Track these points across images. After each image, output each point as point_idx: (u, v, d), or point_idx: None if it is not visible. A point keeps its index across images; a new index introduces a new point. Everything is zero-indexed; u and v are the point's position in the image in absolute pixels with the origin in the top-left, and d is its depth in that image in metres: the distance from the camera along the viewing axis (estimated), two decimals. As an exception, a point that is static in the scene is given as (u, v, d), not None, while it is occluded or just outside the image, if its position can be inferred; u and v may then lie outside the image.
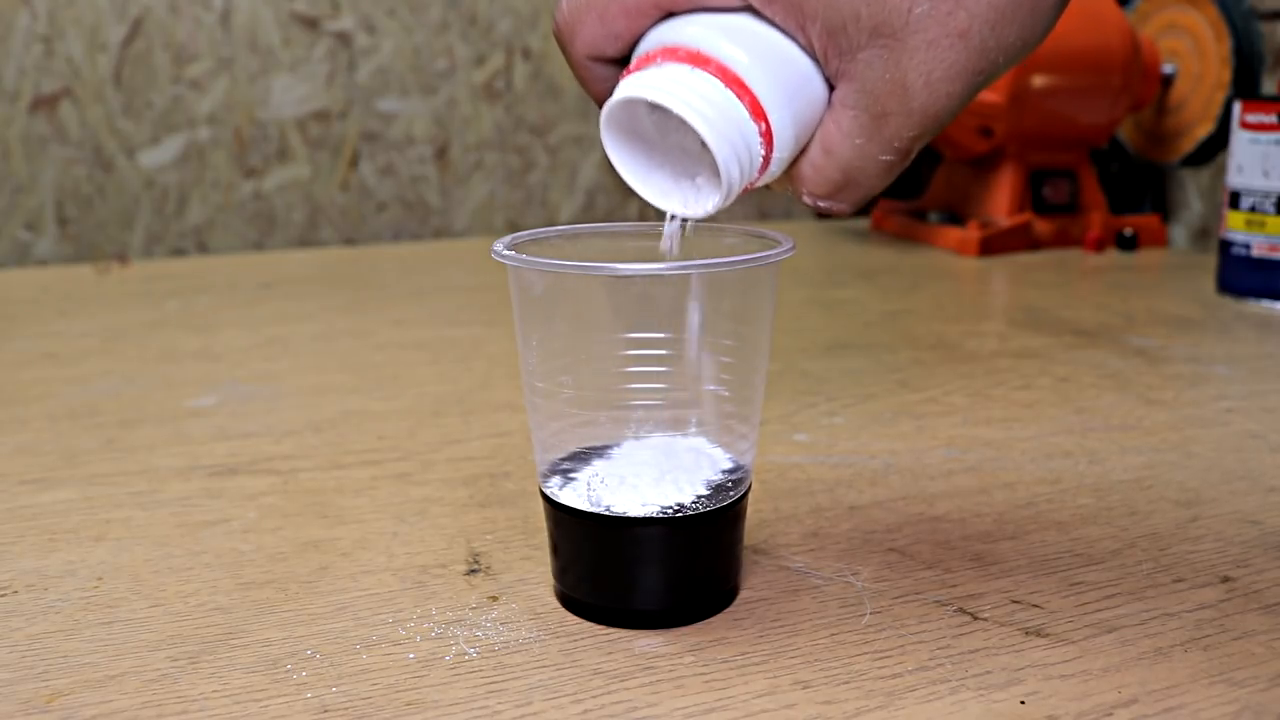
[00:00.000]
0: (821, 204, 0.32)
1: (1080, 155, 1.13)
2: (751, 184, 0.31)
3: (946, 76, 0.28)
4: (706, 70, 0.29)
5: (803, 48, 0.29)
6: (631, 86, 0.29)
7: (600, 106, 0.31)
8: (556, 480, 0.35)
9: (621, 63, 0.32)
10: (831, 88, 0.30)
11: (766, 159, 0.30)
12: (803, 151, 0.31)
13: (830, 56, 0.29)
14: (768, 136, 0.29)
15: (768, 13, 0.29)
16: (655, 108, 0.29)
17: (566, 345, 0.34)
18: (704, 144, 0.29)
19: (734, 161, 0.29)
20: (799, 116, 0.30)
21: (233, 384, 0.64)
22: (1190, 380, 0.63)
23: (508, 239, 0.35)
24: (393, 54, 1.21)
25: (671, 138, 0.31)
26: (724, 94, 0.29)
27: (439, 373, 0.66)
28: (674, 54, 0.29)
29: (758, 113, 0.29)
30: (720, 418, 0.35)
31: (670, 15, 0.30)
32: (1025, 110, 1.06)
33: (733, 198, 0.30)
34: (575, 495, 0.34)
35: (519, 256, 0.33)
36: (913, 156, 0.31)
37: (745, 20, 0.29)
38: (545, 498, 0.35)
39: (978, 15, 0.28)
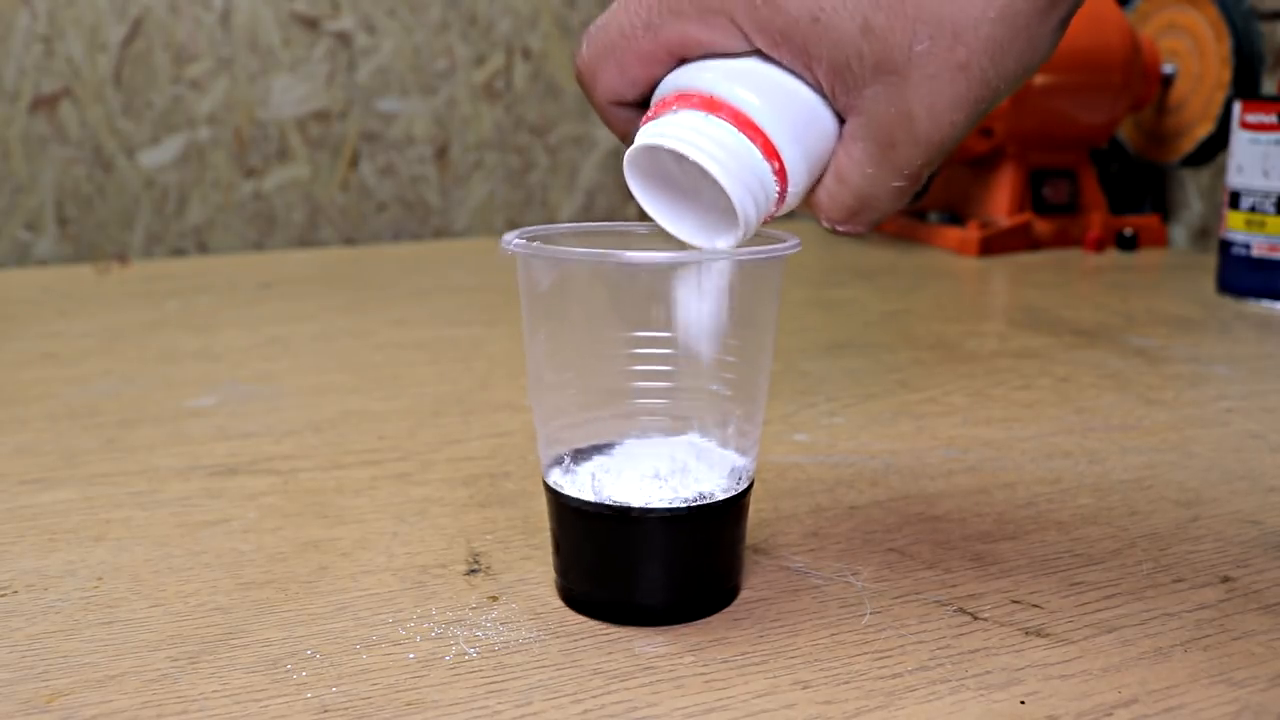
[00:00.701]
0: (840, 228, 0.33)
1: (1080, 155, 1.13)
2: (770, 216, 0.32)
3: (950, 107, 0.30)
4: (720, 115, 0.30)
5: (811, 86, 0.31)
6: (650, 135, 0.31)
7: (625, 143, 0.33)
8: (560, 474, 0.35)
9: (642, 104, 0.33)
10: (841, 120, 0.32)
11: (782, 194, 0.31)
12: (818, 181, 0.33)
13: (838, 93, 0.30)
14: (781, 174, 0.31)
15: (775, 55, 0.30)
16: (674, 153, 0.31)
17: (573, 340, 0.34)
18: (721, 187, 0.30)
19: (750, 201, 0.31)
20: (810, 152, 0.31)
21: (233, 384, 0.64)
22: (1190, 380, 0.63)
23: (516, 233, 0.35)
24: (393, 54, 1.21)
25: (691, 176, 0.33)
26: (737, 138, 0.30)
27: (439, 373, 0.66)
28: (689, 100, 0.31)
29: (770, 153, 0.30)
30: (724, 415, 0.35)
31: (684, 62, 0.32)
32: (1025, 110, 1.06)
33: (752, 232, 0.32)
34: (579, 489, 0.34)
35: (530, 245, 0.33)
36: (923, 180, 0.32)
37: (754, 64, 0.31)
38: (549, 492, 0.35)
39: (976, 49, 0.29)
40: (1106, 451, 0.51)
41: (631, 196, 0.34)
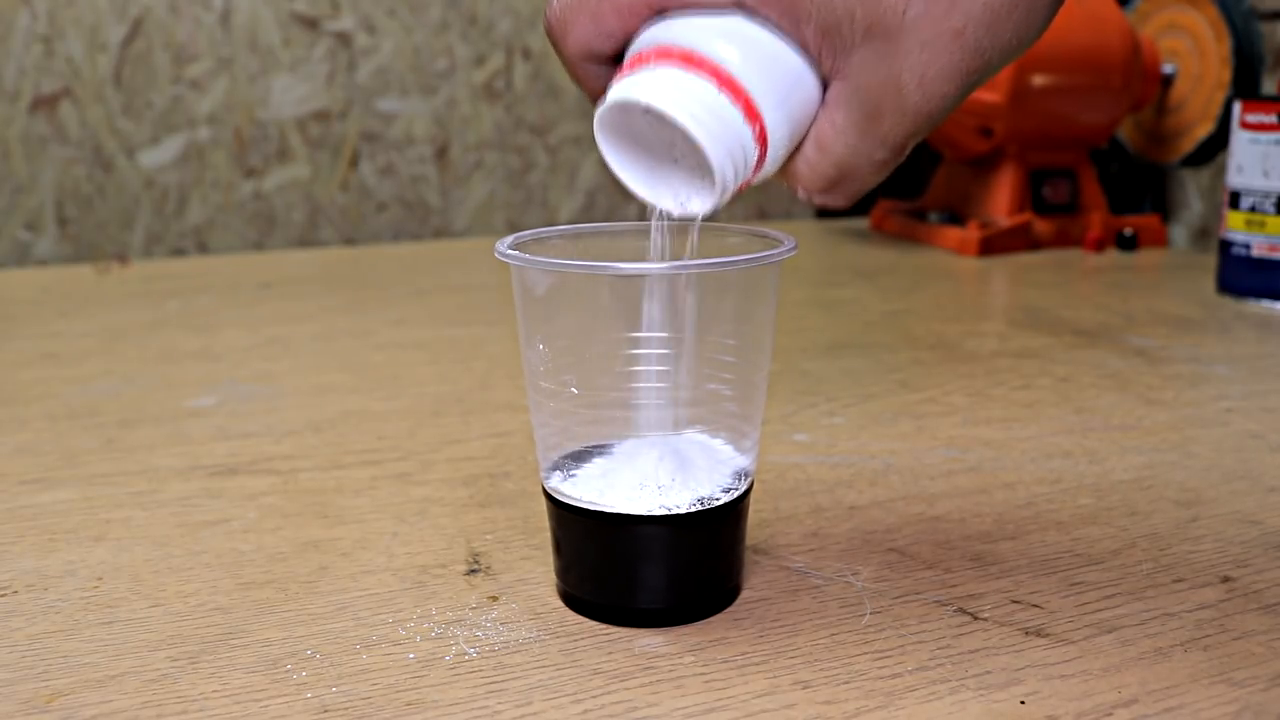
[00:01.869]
0: (816, 198, 0.32)
1: (1080, 155, 1.13)
2: (747, 183, 0.31)
3: (940, 77, 0.29)
4: (701, 72, 0.29)
5: (796, 47, 0.29)
6: (625, 90, 0.29)
7: (595, 104, 0.32)
8: (559, 478, 0.35)
9: (615, 60, 0.32)
10: (825, 86, 0.30)
11: (761, 159, 0.30)
12: (797, 148, 0.31)
13: (824, 56, 0.29)
14: (762, 138, 0.29)
15: (762, 12, 0.29)
16: (650, 109, 0.29)
17: (569, 344, 0.34)
18: (699, 147, 0.29)
19: (729, 164, 0.29)
20: (793, 116, 0.30)
21: (233, 384, 0.64)
22: (1190, 380, 0.63)
23: (510, 239, 0.35)
24: (393, 54, 1.21)
25: (666, 137, 0.31)
26: (718, 97, 0.29)
27: (439, 373, 0.66)
28: (668, 55, 0.29)
29: (752, 114, 0.29)
30: (722, 416, 0.35)
31: (663, 14, 0.30)
32: (1025, 110, 1.06)
33: (727, 199, 0.31)
34: (579, 494, 0.34)
35: (522, 256, 0.33)
36: (907, 153, 0.31)
37: (738, 20, 0.29)
38: (548, 496, 0.35)
39: (973, 16, 0.28)
40: (1106, 451, 0.51)
41: (632, 195, 0.33)
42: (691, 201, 0.31)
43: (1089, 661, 0.33)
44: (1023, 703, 0.30)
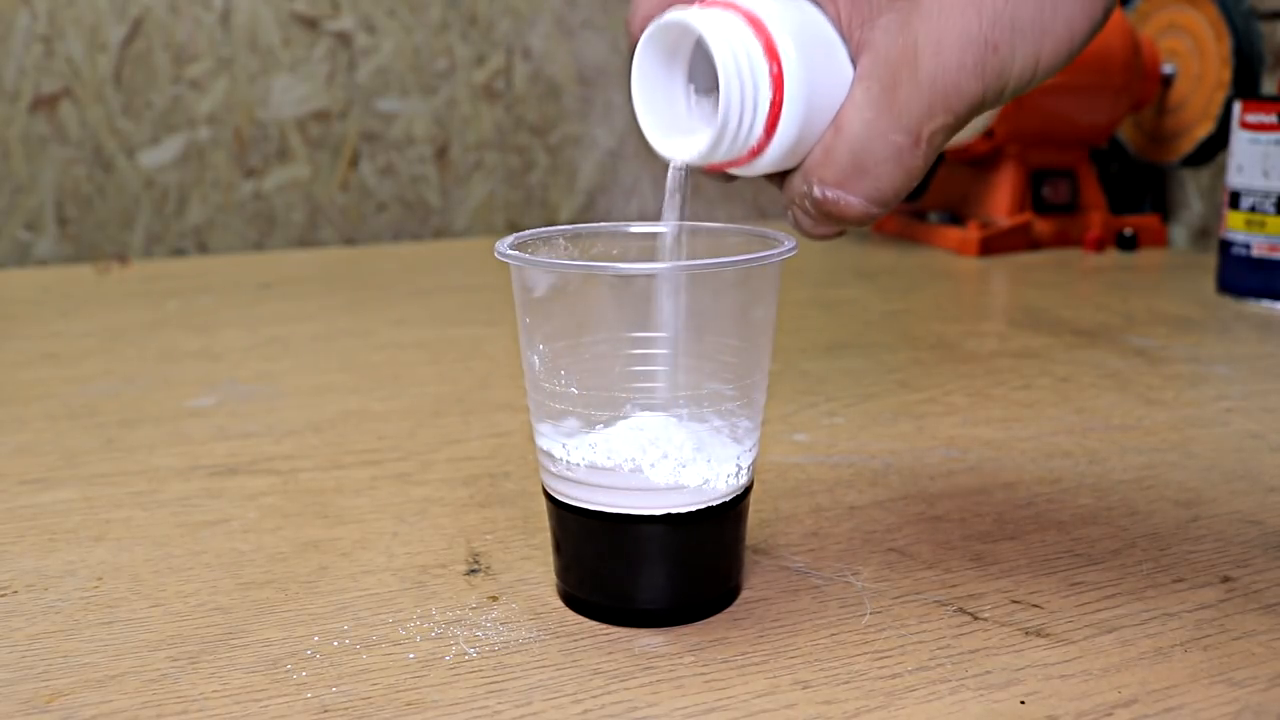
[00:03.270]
0: (829, 194, 0.31)
1: (1080, 155, 1.13)
2: (756, 148, 0.31)
3: (957, 45, 0.29)
4: (742, 17, 0.30)
5: (833, 23, 0.31)
6: (676, 14, 0.31)
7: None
8: (559, 479, 0.35)
9: None
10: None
11: (774, 116, 0.30)
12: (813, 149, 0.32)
13: (854, 25, 0.30)
14: (778, 79, 0.30)
15: None
16: (687, 29, 0.31)
17: (569, 344, 0.34)
18: (717, 74, 0.30)
19: (736, 110, 0.30)
20: (816, 88, 0.31)
21: (233, 384, 0.64)
22: (1190, 380, 0.63)
23: (510, 239, 0.35)
24: (393, 54, 1.21)
25: (679, 75, 0.33)
26: (754, 43, 0.30)
27: (439, 373, 0.66)
28: (716, 2, 0.31)
29: (771, 53, 0.30)
30: (722, 416, 0.35)
31: None
32: (1025, 110, 1.06)
33: (723, 146, 0.31)
34: (579, 494, 0.34)
35: (522, 256, 0.33)
36: (924, 149, 0.30)
37: None
38: (548, 496, 0.35)
39: None
40: (1106, 451, 0.51)
41: (630, 195, 0.33)
42: (688, 143, 0.32)
43: (1089, 661, 0.33)
44: (1023, 703, 0.30)
